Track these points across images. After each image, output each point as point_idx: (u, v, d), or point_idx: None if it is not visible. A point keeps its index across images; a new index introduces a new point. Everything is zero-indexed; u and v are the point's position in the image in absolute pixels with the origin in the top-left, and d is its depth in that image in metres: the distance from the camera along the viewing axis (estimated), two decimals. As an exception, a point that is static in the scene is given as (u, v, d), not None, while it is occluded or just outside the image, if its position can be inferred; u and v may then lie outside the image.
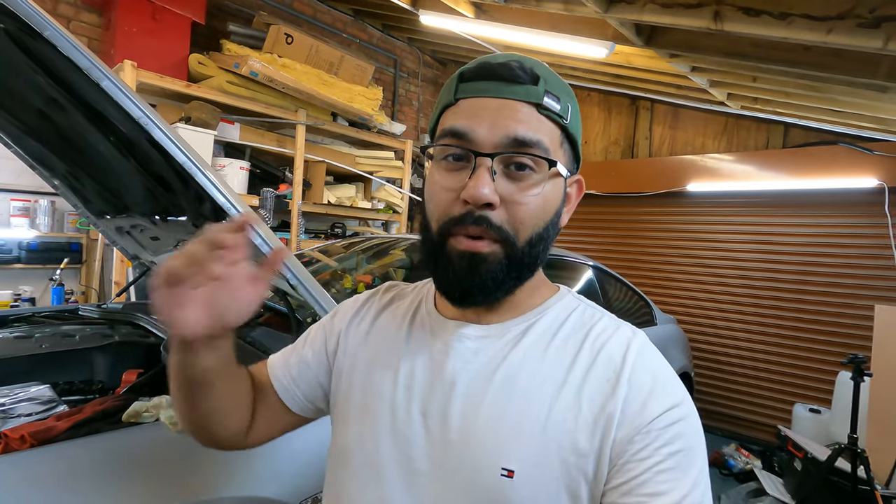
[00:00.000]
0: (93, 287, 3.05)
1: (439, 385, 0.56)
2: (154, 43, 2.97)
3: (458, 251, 0.52)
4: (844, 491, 2.25)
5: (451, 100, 0.55)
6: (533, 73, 0.53)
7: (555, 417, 0.51)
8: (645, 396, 0.50)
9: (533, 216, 0.53)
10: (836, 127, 3.19)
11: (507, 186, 0.52)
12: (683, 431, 0.50)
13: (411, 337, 0.61)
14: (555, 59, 3.76)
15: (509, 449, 0.51)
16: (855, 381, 2.16)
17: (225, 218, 1.25)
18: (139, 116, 0.88)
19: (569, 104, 0.55)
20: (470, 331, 0.57)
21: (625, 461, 0.49)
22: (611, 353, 0.54)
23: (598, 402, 0.51)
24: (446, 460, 0.53)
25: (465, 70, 0.55)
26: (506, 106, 0.52)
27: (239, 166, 3.26)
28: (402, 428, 0.56)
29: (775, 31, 1.69)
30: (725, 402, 3.82)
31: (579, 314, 0.59)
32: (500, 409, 0.52)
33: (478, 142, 0.52)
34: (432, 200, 0.55)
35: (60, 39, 0.80)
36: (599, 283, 2.57)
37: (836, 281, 3.41)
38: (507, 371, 0.54)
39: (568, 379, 0.53)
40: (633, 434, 0.49)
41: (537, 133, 0.52)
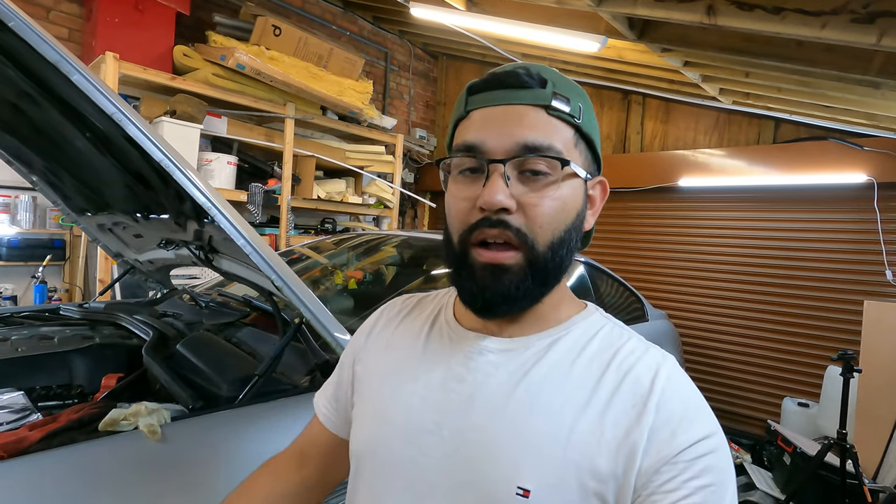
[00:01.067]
0: (77, 285, 2.99)
1: (457, 397, 0.55)
2: (137, 34, 2.90)
3: (480, 263, 0.52)
4: (833, 485, 2.27)
5: (462, 113, 0.55)
6: (539, 76, 0.53)
7: (576, 439, 0.49)
8: (675, 425, 0.48)
9: (551, 219, 0.52)
10: (826, 122, 3.19)
11: (521, 190, 0.51)
12: (714, 465, 0.47)
13: (429, 347, 0.61)
14: (546, 52, 3.73)
15: (527, 467, 0.49)
16: (844, 376, 2.17)
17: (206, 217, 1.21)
18: (113, 112, 0.84)
19: (580, 104, 0.54)
20: (491, 343, 0.56)
21: (650, 492, 0.47)
22: (639, 377, 0.52)
23: (622, 427, 0.49)
24: (460, 473, 0.52)
25: (474, 83, 0.55)
26: (513, 112, 0.52)
27: (226, 161, 3.20)
28: (416, 437, 0.55)
29: (769, 26, 1.67)
30: (715, 396, 3.84)
31: (606, 333, 0.57)
32: (519, 425, 0.51)
33: (489, 151, 0.52)
34: (451, 212, 0.55)
35: (27, 31, 0.76)
36: (591, 279, 2.56)
37: (825, 276, 3.43)
38: (529, 387, 0.53)
39: (592, 400, 0.51)
40: (660, 465, 0.47)
41: (547, 136, 0.52)
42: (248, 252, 1.00)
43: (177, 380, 1.11)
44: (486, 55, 4.74)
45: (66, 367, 1.25)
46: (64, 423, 0.85)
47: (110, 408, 0.94)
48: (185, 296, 1.92)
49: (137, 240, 1.84)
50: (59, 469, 0.78)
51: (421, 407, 0.56)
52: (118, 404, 0.96)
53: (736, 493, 0.49)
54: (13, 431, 0.82)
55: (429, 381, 0.57)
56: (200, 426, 0.95)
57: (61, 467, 0.78)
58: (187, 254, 1.53)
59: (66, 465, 0.79)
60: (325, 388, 0.73)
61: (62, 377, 1.23)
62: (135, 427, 0.89)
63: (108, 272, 2.74)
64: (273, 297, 1.33)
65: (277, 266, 1.04)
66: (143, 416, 0.90)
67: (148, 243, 1.79)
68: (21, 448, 0.78)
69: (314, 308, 1.08)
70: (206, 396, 1.09)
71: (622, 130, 4.37)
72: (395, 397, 0.59)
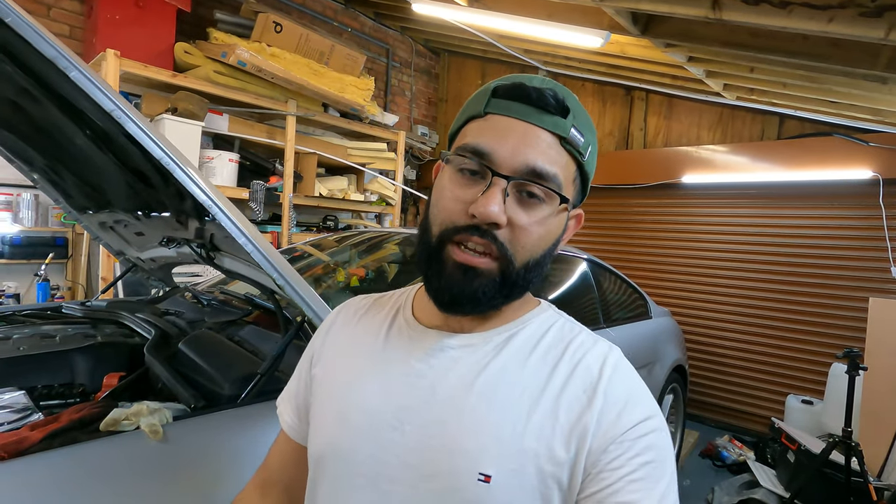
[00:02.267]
0: (79, 282, 2.99)
1: (418, 392, 0.56)
2: (138, 31, 2.89)
3: (454, 260, 0.53)
4: (837, 483, 2.26)
5: (479, 111, 0.55)
6: (564, 105, 0.54)
7: (533, 426, 0.52)
8: (620, 408, 0.52)
9: (534, 244, 0.54)
10: (831, 118, 3.17)
11: (515, 210, 0.53)
12: (655, 443, 0.52)
13: (388, 345, 0.61)
14: (548, 48, 3.70)
15: (487, 455, 0.51)
16: (850, 374, 2.16)
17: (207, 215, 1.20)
18: (112, 109, 0.83)
19: (590, 143, 0.56)
20: (451, 340, 0.58)
21: (598, 470, 0.50)
22: (588, 366, 0.55)
23: (575, 412, 0.52)
24: (423, 466, 0.53)
25: (500, 86, 0.55)
26: (532, 133, 0.53)
27: (228, 158, 3.20)
28: (377, 435, 0.56)
29: (775, 21, 1.65)
30: (719, 394, 3.83)
31: (559, 328, 0.60)
32: (480, 416, 0.53)
33: (498, 163, 0.52)
34: (438, 205, 0.55)
35: (24, 27, 0.75)
36: (594, 277, 2.55)
37: (829, 273, 3.41)
38: (488, 379, 0.55)
39: (546, 389, 0.54)
40: (607, 444, 0.51)
41: (555, 166, 0.53)
42: (249, 250, 0.99)
43: (178, 379, 1.11)
44: (487, 51, 4.72)
45: (67, 365, 1.25)
46: (65, 422, 0.84)
47: (112, 407, 0.93)
48: (186, 294, 1.92)
49: (139, 238, 1.83)
50: (60, 469, 0.77)
51: (382, 405, 0.57)
52: (120, 404, 0.96)
53: (675, 467, 0.53)
54: (14, 431, 0.81)
55: (389, 379, 0.58)
56: (202, 425, 0.95)
57: (63, 467, 0.78)
58: (189, 252, 1.53)
59: (67, 466, 0.78)
60: (287, 397, 0.71)
61: (64, 376, 1.23)
62: (136, 427, 0.89)
63: (111, 270, 2.74)
64: (275, 296, 1.32)
65: (278, 264, 1.03)
66: (144, 415, 0.89)
67: (149, 241, 1.79)
68: (22, 448, 0.78)
69: (316, 306, 1.07)
70: (208, 395, 1.08)
71: (625, 127, 4.35)
72: (354, 397, 0.59)
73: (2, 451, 0.75)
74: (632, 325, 2.61)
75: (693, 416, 3.89)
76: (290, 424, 0.69)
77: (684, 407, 3.15)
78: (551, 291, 2.42)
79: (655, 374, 2.65)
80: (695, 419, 3.87)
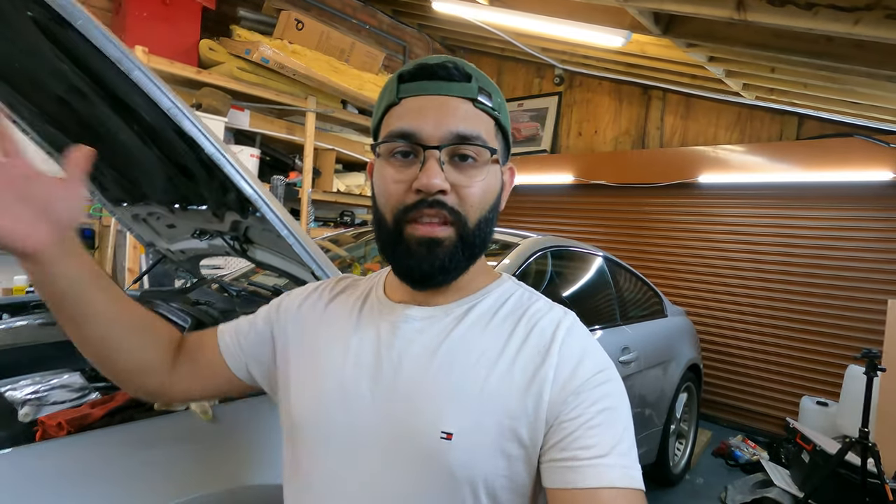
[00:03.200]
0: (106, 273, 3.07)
1: (387, 362, 0.60)
2: (164, 28, 2.95)
3: (416, 238, 0.57)
4: (853, 483, 2.27)
5: (394, 99, 0.59)
6: (465, 71, 0.58)
7: (491, 385, 0.56)
8: (575, 364, 0.57)
9: (479, 200, 0.58)
10: (852, 119, 3.15)
11: (453, 174, 0.57)
12: (609, 391, 0.56)
13: (360, 320, 0.66)
14: (566, 46, 3.71)
15: (448, 414, 0.55)
16: (868, 375, 2.16)
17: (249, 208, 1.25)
18: (169, 108, 0.88)
19: (498, 99, 0.61)
20: (416, 312, 0.62)
21: (560, 421, 0.54)
22: (543, 329, 0.60)
23: (530, 371, 0.56)
24: (392, 429, 0.57)
25: (405, 72, 0.59)
26: (446, 103, 0.57)
27: (249, 154, 3.25)
28: (351, 403, 0.60)
29: (801, 22, 1.66)
30: (733, 394, 3.83)
31: (518, 297, 0.65)
32: (441, 379, 0.57)
33: (425, 138, 0.56)
34: (384, 194, 0.59)
35: (92, 30, 0.80)
36: (611, 274, 2.57)
37: (847, 274, 3.39)
38: (450, 346, 0.59)
39: (504, 351, 0.58)
40: (565, 396, 0.55)
41: (476, 127, 0.57)
42: (291, 243, 1.04)
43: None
44: (504, 49, 4.73)
45: (110, 350, 1.30)
46: (122, 402, 0.90)
47: (161, 389, 0.98)
48: (214, 285, 1.97)
49: (170, 230, 1.89)
50: (121, 443, 0.83)
51: (354, 375, 0.61)
52: (167, 386, 1.01)
53: (630, 413, 0.57)
54: (76, 409, 0.87)
55: (361, 351, 0.62)
56: (247, 407, 1.00)
57: (123, 442, 0.83)
58: (221, 244, 1.58)
59: (127, 440, 0.84)
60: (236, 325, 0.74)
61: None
62: (186, 407, 0.94)
63: (136, 261, 2.81)
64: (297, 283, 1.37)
65: (318, 258, 1.07)
66: (193, 397, 0.94)
67: (181, 233, 1.84)
68: (86, 424, 0.83)
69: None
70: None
71: (641, 126, 4.35)
72: (329, 369, 0.63)
73: (69, 426, 0.81)
74: (647, 323, 2.63)
75: (706, 415, 3.89)
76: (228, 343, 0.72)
77: (698, 406, 3.16)
78: (568, 287, 2.45)
79: (670, 372, 2.67)
80: (708, 419, 3.88)
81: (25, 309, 1.67)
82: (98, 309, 0.62)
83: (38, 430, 0.82)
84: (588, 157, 4.50)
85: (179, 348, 0.72)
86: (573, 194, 4.58)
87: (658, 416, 2.58)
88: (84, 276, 0.60)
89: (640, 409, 2.38)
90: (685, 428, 3.06)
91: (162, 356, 0.69)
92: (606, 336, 2.22)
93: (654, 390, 2.50)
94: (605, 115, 4.55)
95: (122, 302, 0.66)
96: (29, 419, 0.84)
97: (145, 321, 0.69)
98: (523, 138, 4.97)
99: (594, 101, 4.61)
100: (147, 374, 0.68)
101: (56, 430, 0.81)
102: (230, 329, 0.74)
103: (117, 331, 0.65)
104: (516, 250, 2.03)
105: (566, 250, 2.45)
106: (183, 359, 0.71)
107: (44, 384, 0.93)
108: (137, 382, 0.69)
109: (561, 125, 4.80)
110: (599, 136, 4.58)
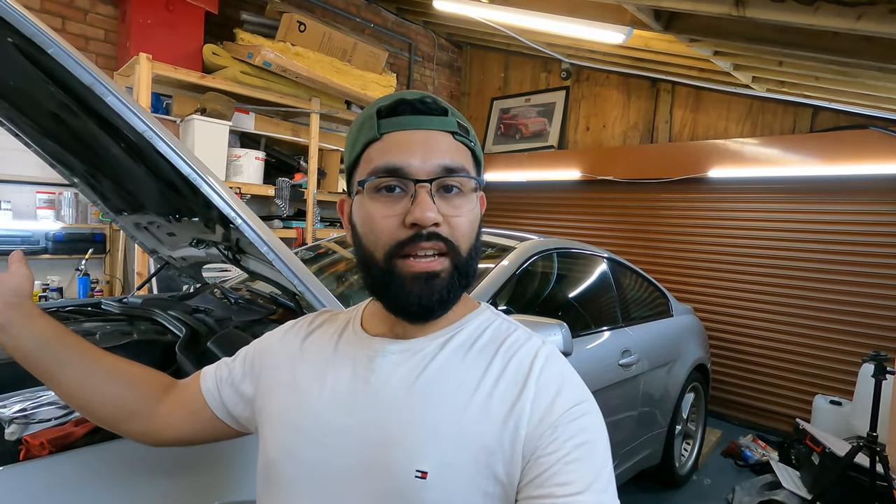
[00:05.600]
0: (117, 277, 3.15)
1: (363, 398, 0.59)
2: (168, 34, 2.99)
3: (412, 273, 0.56)
4: (862, 486, 2.22)
5: (375, 135, 0.58)
6: (442, 106, 0.60)
7: (467, 420, 0.55)
8: (553, 396, 0.55)
9: (468, 229, 0.59)
10: (867, 110, 3.05)
11: (442, 206, 0.57)
12: (586, 425, 0.54)
13: (337, 354, 0.65)
14: (572, 41, 3.66)
15: (424, 451, 0.54)
16: (876, 378, 2.11)
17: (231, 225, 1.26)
18: (143, 130, 0.89)
19: (472, 131, 0.62)
20: (392, 346, 0.61)
21: (537, 456, 0.53)
22: (521, 360, 0.58)
23: (507, 403, 0.55)
24: (367, 467, 0.56)
25: (382, 107, 0.59)
26: (431, 137, 0.58)
27: (254, 156, 3.29)
28: (326, 440, 0.59)
29: (801, 18, 1.61)
30: (743, 392, 3.77)
31: (495, 328, 0.64)
32: (417, 414, 0.56)
33: (413, 172, 0.56)
34: (373, 231, 0.58)
35: (65, 57, 0.81)
36: (614, 276, 2.54)
37: (863, 270, 3.30)
38: (427, 379, 0.58)
39: (481, 384, 0.57)
40: (542, 431, 0.53)
41: (459, 159, 0.58)
42: (270, 259, 1.05)
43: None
44: (510, 44, 4.69)
45: (107, 362, 1.34)
46: (105, 419, 0.92)
47: (147, 405, 1.00)
48: (215, 291, 2.00)
49: (171, 238, 1.92)
50: (102, 462, 0.85)
51: (330, 411, 0.60)
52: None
53: (608, 447, 0.56)
54: (60, 427, 0.89)
55: (336, 386, 0.62)
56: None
57: (104, 460, 0.85)
58: (217, 253, 1.60)
59: (108, 459, 0.86)
60: (216, 369, 0.75)
61: (104, 372, 1.32)
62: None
63: (145, 265, 2.87)
64: (295, 297, 1.38)
65: (298, 270, 1.08)
66: (176, 413, 0.96)
67: (181, 241, 1.87)
68: (67, 443, 0.85)
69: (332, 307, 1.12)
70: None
71: (650, 120, 4.27)
72: (304, 405, 0.62)
73: (50, 446, 0.83)
74: (651, 324, 2.60)
75: (717, 414, 3.84)
76: (210, 389, 0.73)
77: (705, 406, 3.12)
78: (570, 290, 2.43)
79: (675, 372, 2.64)
80: (718, 417, 3.83)
81: (32, 317, 1.72)
82: (67, 363, 0.67)
83: (22, 450, 0.84)
84: (596, 153, 4.44)
85: (167, 392, 0.74)
86: (581, 190, 4.53)
87: (663, 416, 2.56)
88: (48, 335, 0.67)
89: (643, 410, 2.36)
90: (692, 428, 3.03)
91: (143, 402, 0.71)
92: (608, 338, 2.20)
93: (657, 391, 2.47)
94: (613, 109, 4.48)
95: (93, 355, 0.70)
96: (15, 437, 0.87)
97: (122, 370, 0.71)
98: (530, 134, 4.92)
99: (602, 95, 4.54)
100: (129, 421, 0.71)
101: (39, 449, 0.83)
102: (211, 373, 0.75)
103: (93, 381, 0.68)
104: (513, 253, 2.02)
105: (570, 252, 2.43)
106: (171, 402, 0.73)
107: (32, 401, 0.95)
108: (123, 428, 0.72)
109: (569, 120, 4.74)
110: (608, 130, 4.51)
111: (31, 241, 2.89)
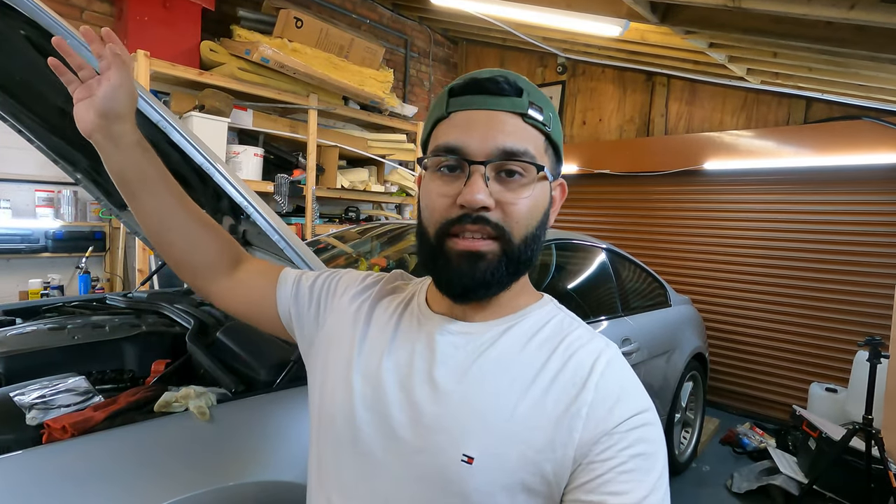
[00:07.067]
0: (117, 274, 3.15)
1: (418, 374, 0.59)
2: (165, 31, 2.98)
3: (457, 251, 0.56)
4: (858, 469, 2.27)
5: (443, 113, 0.58)
6: (517, 86, 0.57)
7: (519, 413, 0.54)
8: (612, 403, 0.54)
9: (525, 216, 0.57)
10: (860, 101, 3.09)
11: (499, 190, 0.56)
12: (646, 436, 0.53)
13: (400, 327, 0.65)
14: (567, 35, 3.68)
15: (472, 437, 0.54)
16: (871, 362, 2.15)
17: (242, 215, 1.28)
18: (157, 120, 0.91)
19: (550, 113, 0.59)
20: (454, 327, 0.61)
21: (589, 461, 0.51)
22: (581, 360, 0.57)
23: (563, 404, 0.54)
24: (414, 442, 0.56)
25: (455, 85, 0.58)
26: (494, 118, 0.56)
27: (253, 153, 3.29)
28: (380, 408, 0.59)
29: (795, 8, 1.64)
30: (740, 381, 3.82)
31: (558, 322, 0.62)
32: (470, 400, 0.56)
33: (471, 153, 0.55)
34: (428, 207, 0.58)
35: (80, 48, 0.83)
36: (612, 266, 2.57)
37: (855, 259, 3.35)
38: (483, 366, 0.58)
39: (537, 380, 0.56)
40: (598, 436, 0.52)
41: (524, 142, 0.56)
42: (282, 247, 1.06)
43: (219, 365, 1.20)
44: (506, 39, 4.70)
45: (117, 353, 1.36)
46: (123, 404, 0.94)
47: (162, 391, 1.02)
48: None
49: (174, 233, 1.93)
50: (122, 445, 0.87)
51: (387, 381, 0.60)
52: (169, 388, 1.05)
53: (666, 462, 0.54)
54: (80, 412, 0.91)
55: (397, 358, 0.62)
56: (243, 408, 1.04)
57: (124, 444, 0.87)
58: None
59: (128, 442, 0.88)
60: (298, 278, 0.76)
61: (115, 363, 1.34)
62: (185, 409, 0.98)
63: (146, 262, 2.87)
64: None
65: (309, 259, 1.10)
66: (192, 398, 0.98)
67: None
68: (88, 427, 0.87)
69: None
70: (246, 381, 1.17)
71: (646, 113, 4.30)
72: (364, 369, 0.63)
73: (72, 430, 0.85)
74: (650, 314, 2.63)
75: (714, 403, 3.89)
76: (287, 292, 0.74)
77: (704, 395, 3.16)
78: (570, 281, 2.46)
79: (674, 361, 2.67)
80: (716, 406, 3.88)
81: (38, 313, 1.73)
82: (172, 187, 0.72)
83: (44, 434, 0.86)
84: (593, 146, 4.47)
85: (243, 260, 0.78)
86: (578, 184, 4.56)
87: (662, 405, 2.59)
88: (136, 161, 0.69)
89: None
90: (691, 416, 3.07)
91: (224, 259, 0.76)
92: (608, 327, 2.23)
93: (657, 380, 2.51)
94: (609, 103, 4.51)
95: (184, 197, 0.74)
96: (36, 422, 0.89)
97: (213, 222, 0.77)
98: (527, 129, 4.94)
99: (598, 89, 4.57)
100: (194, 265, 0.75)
101: (61, 433, 0.85)
102: (292, 278, 0.76)
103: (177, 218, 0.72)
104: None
105: (569, 243, 2.45)
106: (247, 273, 0.77)
107: (50, 388, 0.97)
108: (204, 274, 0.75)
109: (565, 114, 4.76)
110: (604, 124, 4.54)
111: (31, 239, 2.88)
